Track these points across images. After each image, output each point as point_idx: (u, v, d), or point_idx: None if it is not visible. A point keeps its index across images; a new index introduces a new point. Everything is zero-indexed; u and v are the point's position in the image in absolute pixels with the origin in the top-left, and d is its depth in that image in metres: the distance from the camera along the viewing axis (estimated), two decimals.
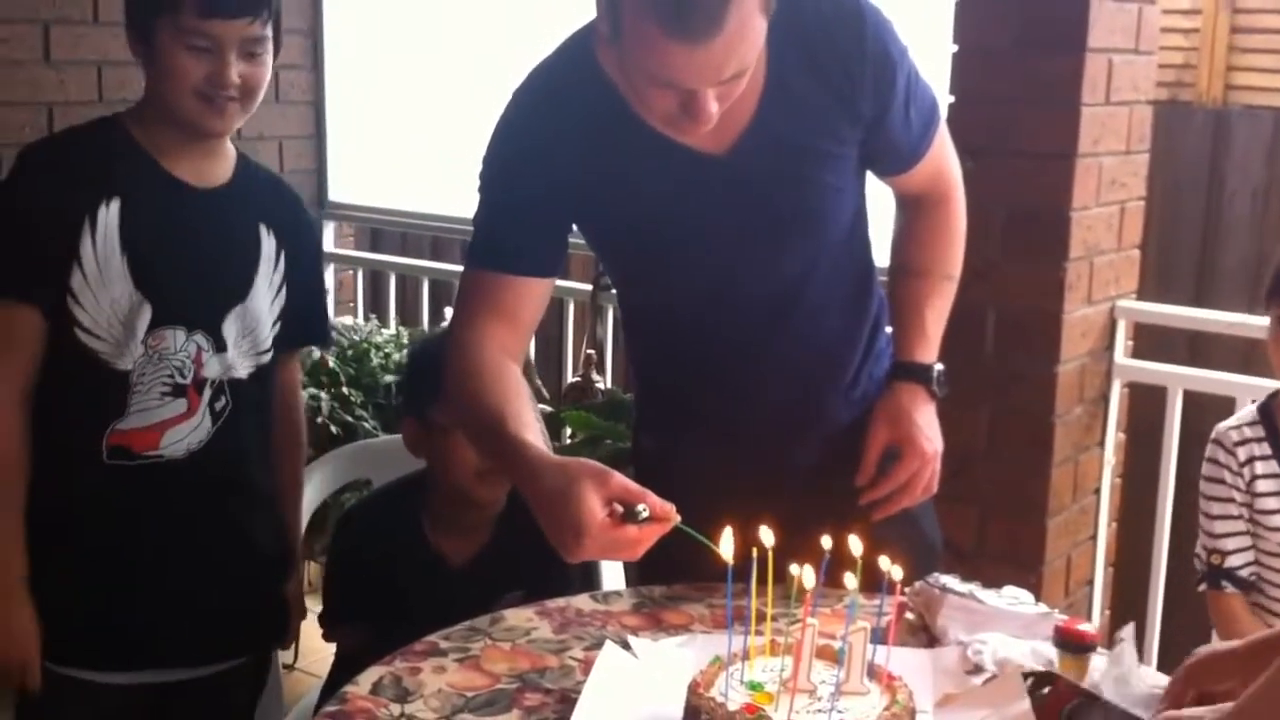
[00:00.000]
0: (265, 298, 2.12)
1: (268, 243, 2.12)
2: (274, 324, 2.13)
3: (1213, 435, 2.33)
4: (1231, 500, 2.26)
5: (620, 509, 1.53)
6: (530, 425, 1.68)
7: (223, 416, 2.08)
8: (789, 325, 1.89)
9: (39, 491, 2.04)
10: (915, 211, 2.00)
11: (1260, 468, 2.23)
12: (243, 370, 2.10)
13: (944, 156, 1.97)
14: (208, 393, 2.06)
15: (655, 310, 1.97)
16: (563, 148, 1.77)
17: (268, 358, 2.13)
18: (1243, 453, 2.24)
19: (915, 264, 1.99)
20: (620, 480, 1.54)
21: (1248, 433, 2.25)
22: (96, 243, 1.97)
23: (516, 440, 1.63)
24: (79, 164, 2.02)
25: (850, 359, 1.95)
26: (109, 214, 1.98)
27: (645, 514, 1.52)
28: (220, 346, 2.06)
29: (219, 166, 2.09)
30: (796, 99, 1.77)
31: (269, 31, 1.99)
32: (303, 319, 2.21)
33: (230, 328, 2.07)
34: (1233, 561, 2.27)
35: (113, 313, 1.99)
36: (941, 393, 1.93)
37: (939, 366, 1.93)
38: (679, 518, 1.54)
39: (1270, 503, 2.23)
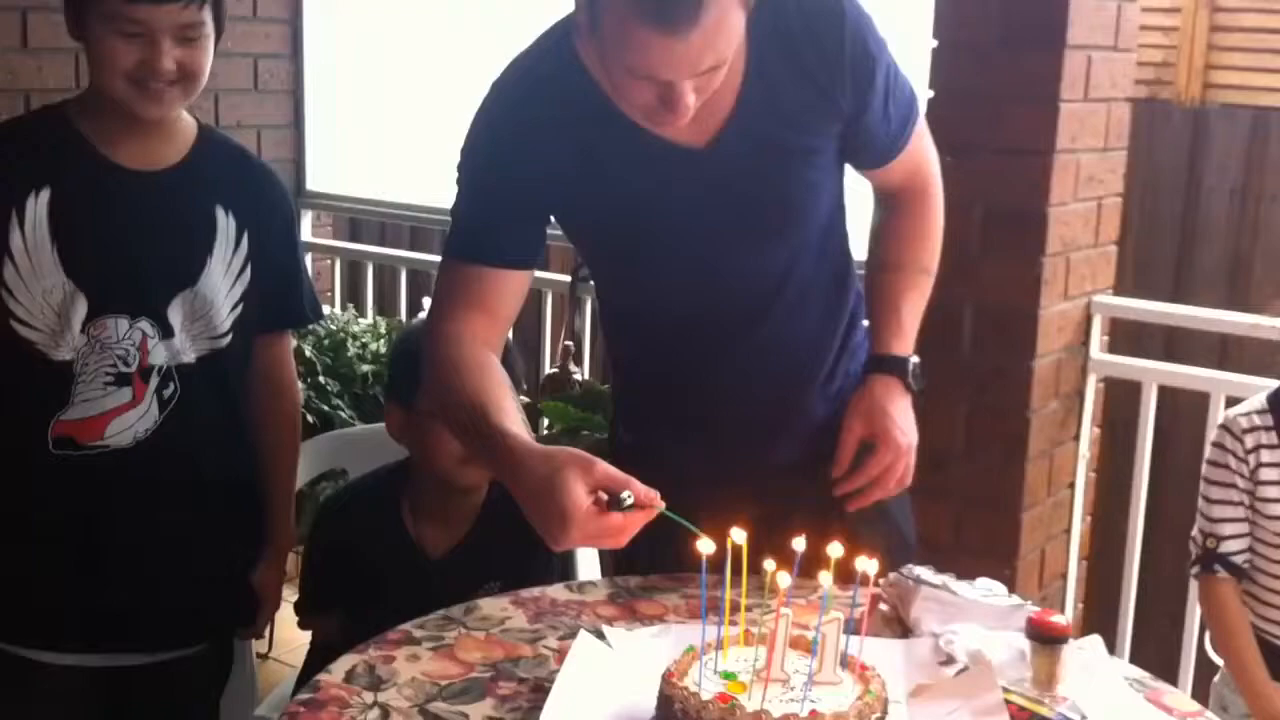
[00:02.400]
0: (220, 281, 2.06)
1: (225, 223, 2.06)
2: (234, 307, 2.08)
3: (1221, 421, 2.35)
4: (1234, 486, 2.28)
5: (605, 497, 1.52)
6: (512, 415, 1.67)
7: (171, 403, 2.04)
8: (767, 320, 1.89)
9: None
10: (893, 205, 1.99)
11: (1266, 456, 2.25)
12: (191, 355, 2.05)
13: (923, 151, 1.97)
14: (154, 380, 2.02)
15: (633, 304, 1.96)
16: (541, 139, 1.76)
17: (224, 342, 2.08)
18: (1250, 440, 2.26)
19: (892, 258, 1.98)
20: (605, 468, 1.54)
21: (1256, 420, 2.27)
22: (25, 234, 1.95)
23: (499, 430, 1.62)
24: (4, 156, 1.99)
25: (827, 354, 1.95)
26: (38, 204, 1.95)
27: (630, 501, 1.52)
28: (167, 332, 2.02)
29: (168, 148, 2.04)
30: (776, 93, 1.77)
31: (206, 16, 1.92)
32: (276, 299, 2.16)
33: (176, 313, 2.02)
34: (1228, 547, 2.29)
35: (46, 303, 1.96)
36: (917, 386, 1.93)
37: (915, 359, 1.93)
38: (664, 504, 1.54)
39: (1272, 491, 2.25)
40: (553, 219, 1.87)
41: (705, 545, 1.48)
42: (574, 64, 1.75)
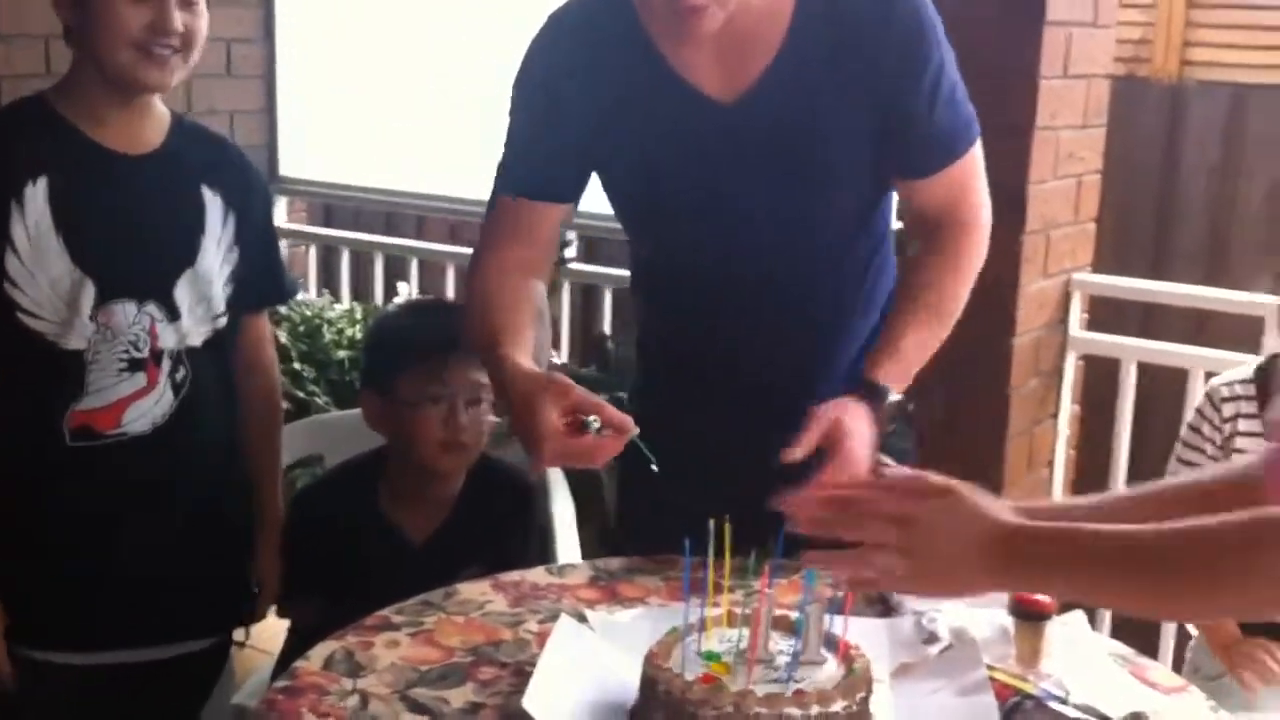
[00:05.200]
0: (215, 260, 2.07)
1: (212, 203, 2.07)
2: (225, 286, 2.09)
3: (1206, 388, 2.35)
4: (1202, 451, 2.28)
5: (581, 420, 1.62)
6: (520, 341, 1.76)
7: (184, 387, 2.04)
8: (775, 285, 1.86)
9: (3, 479, 2.00)
10: (930, 239, 1.90)
11: (1243, 425, 2.25)
12: (197, 338, 2.05)
13: (972, 185, 1.89)
14: (166, 364, 2.02)
15: (655, 256, 1.96)
16: (583, 77, 1.80)
17: (223, 321, 2.09)
18: (1228, 409, 2.25)
19: (911, 290, 1.87)
20: (580, 393, 1.63)
21: (1239, 390, 2.26)
22: (27, 224, 1.93)
23: (502, 354, 1.72)
24: None
25: (842, 337, 1.90)
26: (36, 193, 1.93)
27: (596, 425, 1.62)
28: (174, 315, 2.02)
29: (151, 130, 2.04)
30: (812, 61, 1.76)
31: None
32: (259, 279, 2.16)
33: (183, 294, 2.03)
34: None
35: (53, 292, 1.94)
36: (889, 423, 1.78)
37: (896, 397, 1.79)
38: (636, 430, 1.63)
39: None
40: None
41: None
42: (625, 5, 1.76)
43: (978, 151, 1.89)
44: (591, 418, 1.62)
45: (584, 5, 1.85)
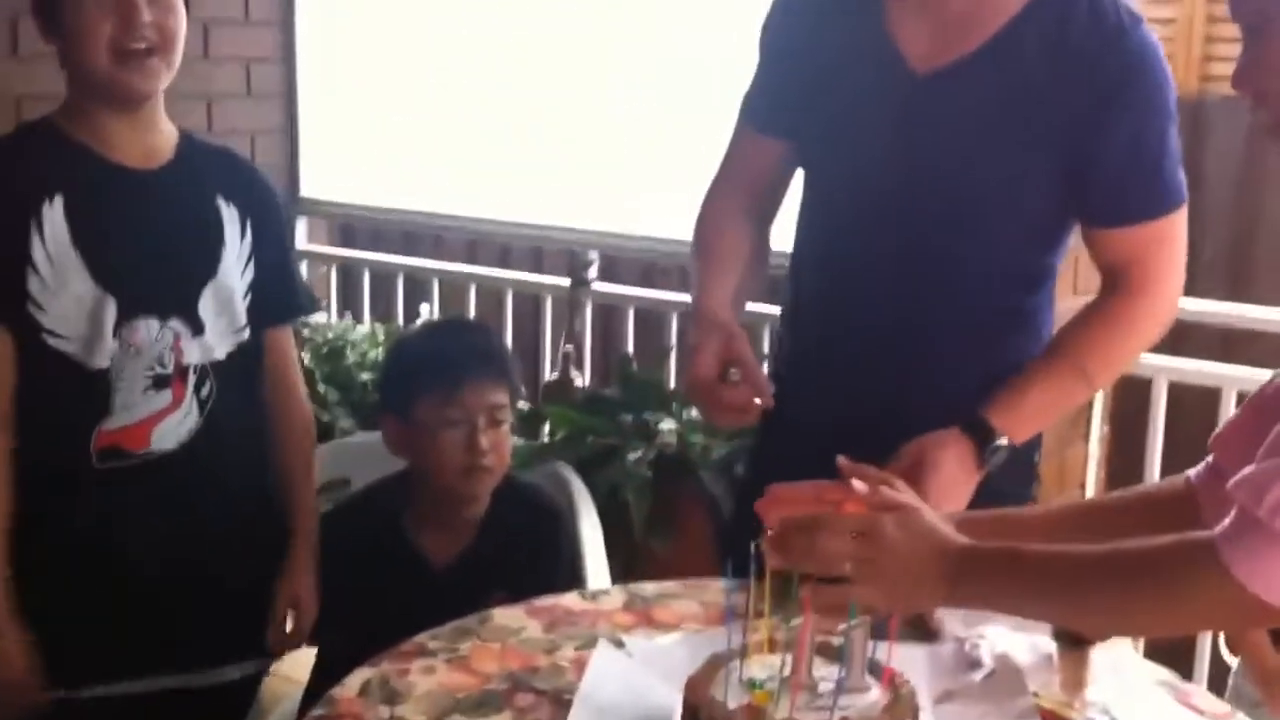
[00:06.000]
0: (235, 272, 2.05)
1: (229, 215, 2.06)
2: (245, 297, 2.07)
3: None
4: None
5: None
6: (722, 279, 1.89)
7: (210, 403, 2.02)
8: (930, 270, 1.81)
9: (31, 505, 1.97)
10: (1103, 296, 1.86)
11: None
12: (222, 352, 2.04)
13: (1162, 253, 1.83)
14: (192, 379, 2.00)
15: (824, 229, 1.93)
16: (815, 18, 1.88)
17: (245, 334, 2.07)
18: None
19: (1062, 342, 1.84)
20: (740, 346, 1.77)
21: None
22: (47, 243, 1.92)
23: (696, 294, 1.89)
24: (9, 169, 1.96)
25: (988, 355, 1.84)
26: (54, 212, 1.92)
27: (735, 378, 1.76)
28: (198, 329, 2.01)
29: (160, 145, 2.02)
30: (1021, 60, 1.74)
31: None
32: (276, 291, 2.14)
33: (207, 307, 2.01)
34: None
35: (75, 311, 1.93)
36: (990, 466, 1.75)
37: (1004, 441, 1.75)
38: (769, 403, 1.77)
39: None
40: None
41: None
42: None
43: (1175, 225, 1.82)
44: (731, 370, 1.75)
45: None
